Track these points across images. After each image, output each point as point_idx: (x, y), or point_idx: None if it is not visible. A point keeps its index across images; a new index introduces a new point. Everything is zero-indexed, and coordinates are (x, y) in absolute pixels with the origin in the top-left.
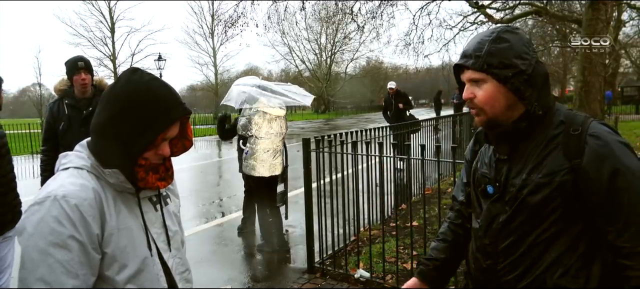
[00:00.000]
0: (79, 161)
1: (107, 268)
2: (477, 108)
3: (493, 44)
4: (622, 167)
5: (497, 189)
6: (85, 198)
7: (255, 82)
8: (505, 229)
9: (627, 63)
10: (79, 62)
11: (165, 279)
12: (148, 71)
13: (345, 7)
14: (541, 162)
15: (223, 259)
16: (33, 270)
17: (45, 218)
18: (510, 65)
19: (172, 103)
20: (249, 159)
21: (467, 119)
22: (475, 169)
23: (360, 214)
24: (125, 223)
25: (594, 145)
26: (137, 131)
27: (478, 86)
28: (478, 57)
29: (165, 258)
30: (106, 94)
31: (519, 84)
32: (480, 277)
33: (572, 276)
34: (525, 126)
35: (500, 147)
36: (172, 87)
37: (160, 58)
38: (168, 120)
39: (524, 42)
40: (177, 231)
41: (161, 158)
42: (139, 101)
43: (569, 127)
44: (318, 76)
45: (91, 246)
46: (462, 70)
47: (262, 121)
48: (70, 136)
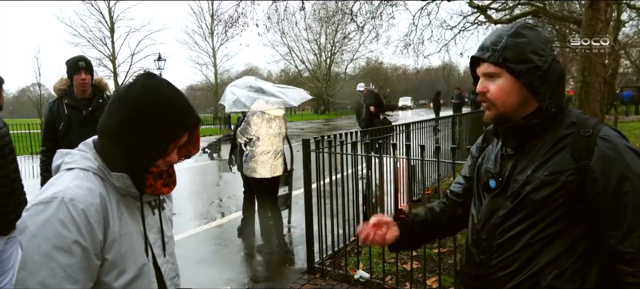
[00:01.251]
0: (85, 161)
1: (106, 274)
2: (489, 102)
3: (511, 38)
4: (629, 173)
5: (499, 183)
6: (93, 203)
7: (250, 83)
8: (503, 225)
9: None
10: (80, 61)
11: (157, 285)
12: (162, 77)
13: (345, 7)
14: (548, 160)
15: (223, 260)
16: (34, 273)
17: (51, 220)
18: (526, 60)
19: (185, 111)
20: (250, 161)
21: (467, 119)
22: (480, 164)
23: (360, 215)
24: (127, 229)
25: (604, 148)
26: (152, 138)
27: (492, 80)
28: (495, 50)
29: (159, 263)
30: (120, 96)
31: (533, 79)
32: (472, 272)
33: (567, 278)
34: (537, 123)
35: (508, 141)
36: (184, 95)
37: (160, 58)
38: (182, 128)
39: (542, 39)
40: (171, 236)
41: (169, 165)
42: (155, 108)
43: (580, 128)
44: (318, 76)
45: (93, 252)
46: (477, 63)
47: (260, 122)
48: (70, 136)
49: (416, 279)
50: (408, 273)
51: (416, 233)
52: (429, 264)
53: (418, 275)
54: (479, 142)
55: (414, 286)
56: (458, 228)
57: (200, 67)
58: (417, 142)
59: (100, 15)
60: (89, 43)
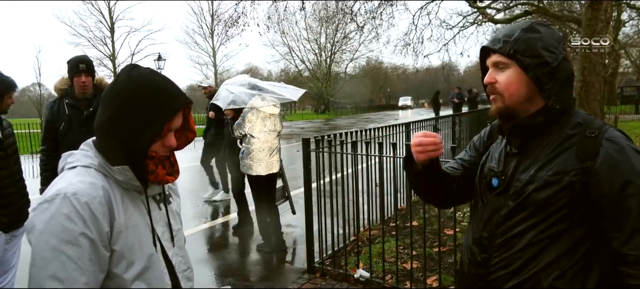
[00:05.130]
0: (86, 159)
1: (116, 265)
2: (496, 93)
3: (524, 32)
4: (635, 176)
5: (502, 182)
6: (95, 196)
7: (245, 81)
8: (505, 224)
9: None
10: (80, 64)
11: (169, 277)
12: (145, 66)
13: (345, 7)
14: (552, 160)
15: (222, 259)
16: (44, 267)
17: (56, 216)
18: (536, 55)
19: (173, 93)
20: (246, 159)
21: (467, 119)
22: (483, 163)
23: (360, 214)
24: (133, 221)
25: (610, 149)
26: (143, 124)
27: (501, 71)
28: (506, 42)
29: (169, 255)
30: (107, 92)
31: (541, 74)
32: (473, 271)
33: (568, 279)
34: (542, 121)
35: (513, 140)
36: (171, 80)
37: (160, 58)
38: (171, 110)
39: (555, 37)
40: (179, 229)
41: (168, 150)
42: (141, 94)
43: (585, 129)
44: (318, 75)
45: (101, 243)
46: (488, 55)
47: (255, 119)
48: (71, 136)
49: (416, 278)
50: (408, 272)
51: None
52: (429, 263)
53: (418, 274)
54: (483, 137)
55: (414, 285)
56: (455, 198)
57: (200, 67)
58: None
59: (100, 15)
60: (89, 43)
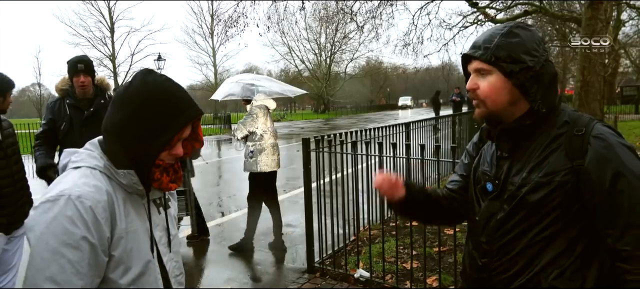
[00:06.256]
0: (92, 160)
1: (112, 270)
2: (478, 100)
3: (503, 37)
4: (624, 170)
5: (496, 186)
6: (100, 200)
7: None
8: (502, 228)
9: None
10: (79, 64)
11: (163, 282)
12: (161, 72)
13: (345, 7)
14: (542, 161)
15: (223, 259)
16: (43, 269)
17: (59, 217)
18: (518, 60)
19: (186, 104)
20: (258, 156)
21: (467, 119)
22: (476, 166)
23: (360, 214)
24: (133, 226)
25: (597, 146)
26: (155, 131)
27: (483, 77)
28: (487, 49)
29: (164, 260)
30: (120, 94)
31: (524, 79)
32: (474, 275)
33: (568, 278)
34: (529, 124)
35: (502, 144)
36: (185, 89)
37: (160, 58)
38: (184, 120)
39: (535, 39)
40: (176, 235)
41: (175, 158)
42: (155, 102)
43: (572, 127)
44: (318, 75)
45: (101, 248)
46: (469, 61)
47: (264, 117)
48: (72, 136)
49: (416, 278)
50: (408, 272)
51: (419, 203)
52: (429, 263)
53: (418, 274)
54: (475, 140)
55: (414, 285)
56: (456, 218)
57: (200, 67)
58: (417, 141)
59: (100, 15)
60: (89, 43)
